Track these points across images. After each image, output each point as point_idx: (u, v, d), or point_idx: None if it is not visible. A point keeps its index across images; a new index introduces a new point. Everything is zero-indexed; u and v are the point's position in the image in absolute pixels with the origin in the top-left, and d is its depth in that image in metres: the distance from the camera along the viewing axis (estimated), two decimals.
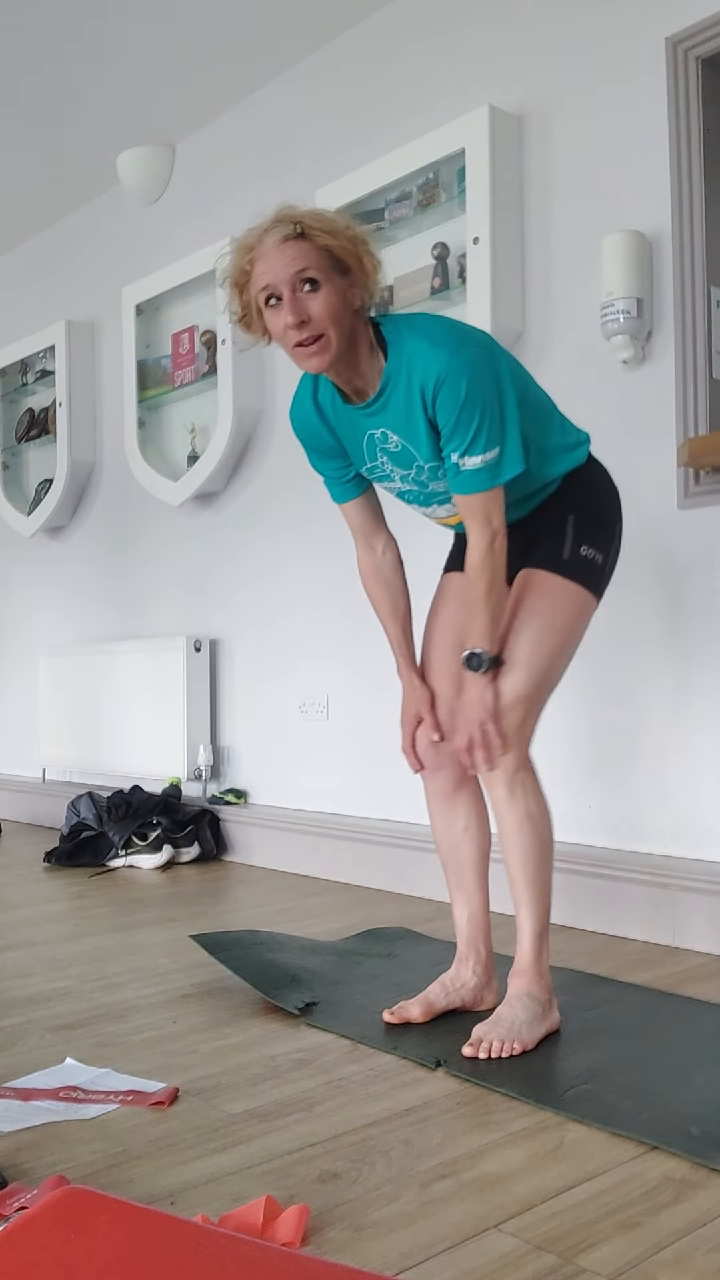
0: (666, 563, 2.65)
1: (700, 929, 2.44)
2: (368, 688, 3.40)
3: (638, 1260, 1.16)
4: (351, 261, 1.75)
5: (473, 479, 1.80)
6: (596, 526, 1.96)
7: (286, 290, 1.72)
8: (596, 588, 1.95)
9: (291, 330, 1.74)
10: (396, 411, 1.82)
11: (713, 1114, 1.53)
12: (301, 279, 1.72)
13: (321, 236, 1.72)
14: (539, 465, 1.93)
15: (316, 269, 1.72)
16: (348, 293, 1.76)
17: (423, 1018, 1.94)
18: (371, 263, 1.77)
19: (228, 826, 3.73)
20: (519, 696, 1.87)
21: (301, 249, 1.71)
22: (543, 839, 1.90)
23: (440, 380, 1.74)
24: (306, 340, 1.74)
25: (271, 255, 1.72)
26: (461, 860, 2.05)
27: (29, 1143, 1.48)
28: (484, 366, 1.77)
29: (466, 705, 1.88)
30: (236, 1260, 1.05)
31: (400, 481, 1.94)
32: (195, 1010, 2.06)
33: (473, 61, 3.09)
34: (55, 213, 4.68)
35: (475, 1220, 1.25)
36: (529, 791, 1.90)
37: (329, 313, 1.73)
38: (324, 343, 1.75)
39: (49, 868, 3.63)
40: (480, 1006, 2.01)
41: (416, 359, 1.77)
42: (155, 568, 4.28)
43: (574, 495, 1.97)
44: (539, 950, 1.90)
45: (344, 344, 1.77)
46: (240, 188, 3.85)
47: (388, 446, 1.87)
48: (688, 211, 2.59)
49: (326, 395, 1.92)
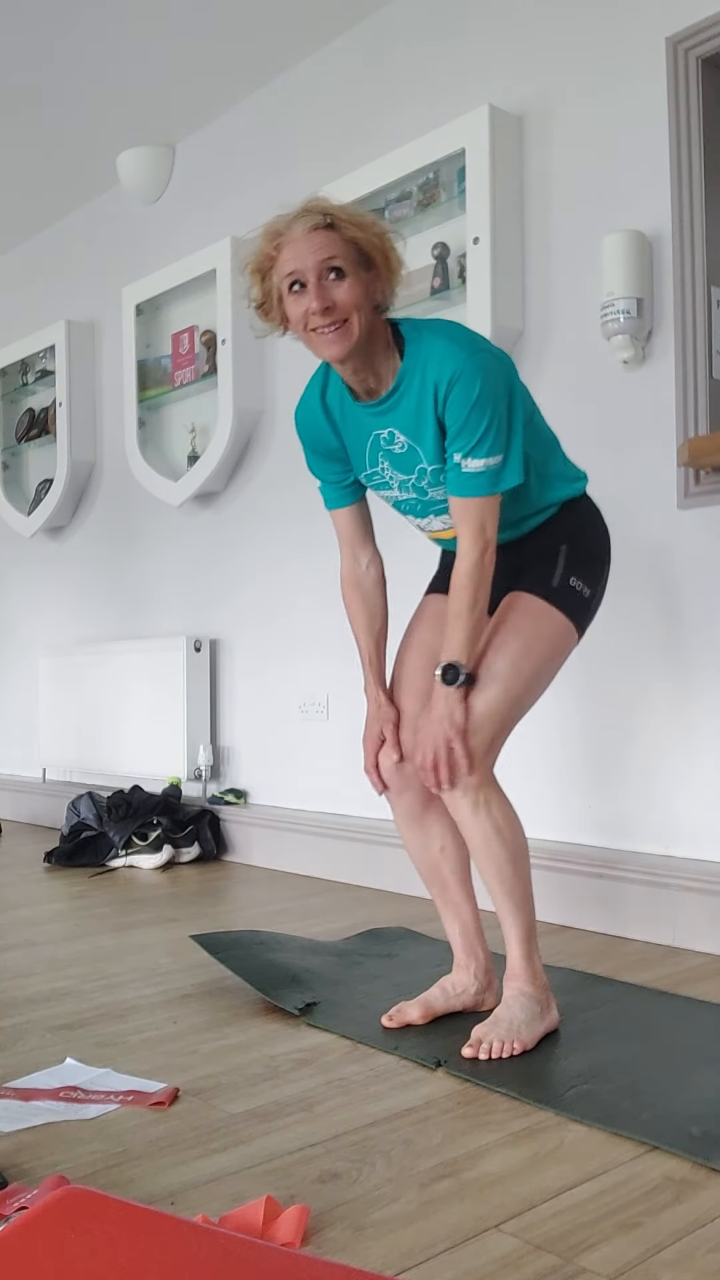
0: (666, 563, 2.65)
1: (700, 929, 2.44)
2: None
3: (638, 1260, 1.16)
4: (377, 257, 1.76)
5: (473, 481, 1.79)
6: (588, 561, 1.95)
7: (313, 277, 1.73)
8: (580, 622, 1.93)
9: (315, 315, 1.74)
10: (407, 410, 1.82)
11: (713, 1114, 1.53)
12: (328, 267, 1.73)
13: (350, 229, 1.73)
14: (539, 488, 1.92)
15: (343, 259, 1.73)
16: (371, 286, 1.77)
17: (422, 1020, 1.94)
18: (396, 260, 1.79)
19: (228, 826, 3.73)
20: (491, 713, 1.83)
21: (329, 239, 1.73)
22: (514, 850, 1.87)
23: (455, 378, 1.75)
24: (329, 325, 1.74)
25: (299, 243, 1.73)
26: (444, 878, 2.02)
27: (29, 1143, 1.48)
28: (498, 374, 1.78)
29: (433, 721, 1.83)
30: (236, 1260, 1.05)
31: (399, 489, 1.93)
32: (195, 1010, 2.06)
33: (473, 61, 3.09)
34: (55, 213, 4.68)
35: (475, 1220, 1.25)
36: (494, 805, 1.86)
37: (352, 301, 1.74)
38: (346, 329, 1.75)
39: (49, 868, 3.63)
40: (482, 1008, 2.00)
41: (434, 357, 1.77)
42: (155, 567, 4.28)
43: (569, 525, 1.96)
44: (528, 954, 1.89)
45: (364, 335, 1.77)
46: (240, 188, 3.85)
47: (392, 448, 1.87)
48: (688, 211, 2.59)
49: (335, 395, 1.91)
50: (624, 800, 2.74)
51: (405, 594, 2.21)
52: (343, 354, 1.77)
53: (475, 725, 1.82)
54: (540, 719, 2.80)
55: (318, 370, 1.95)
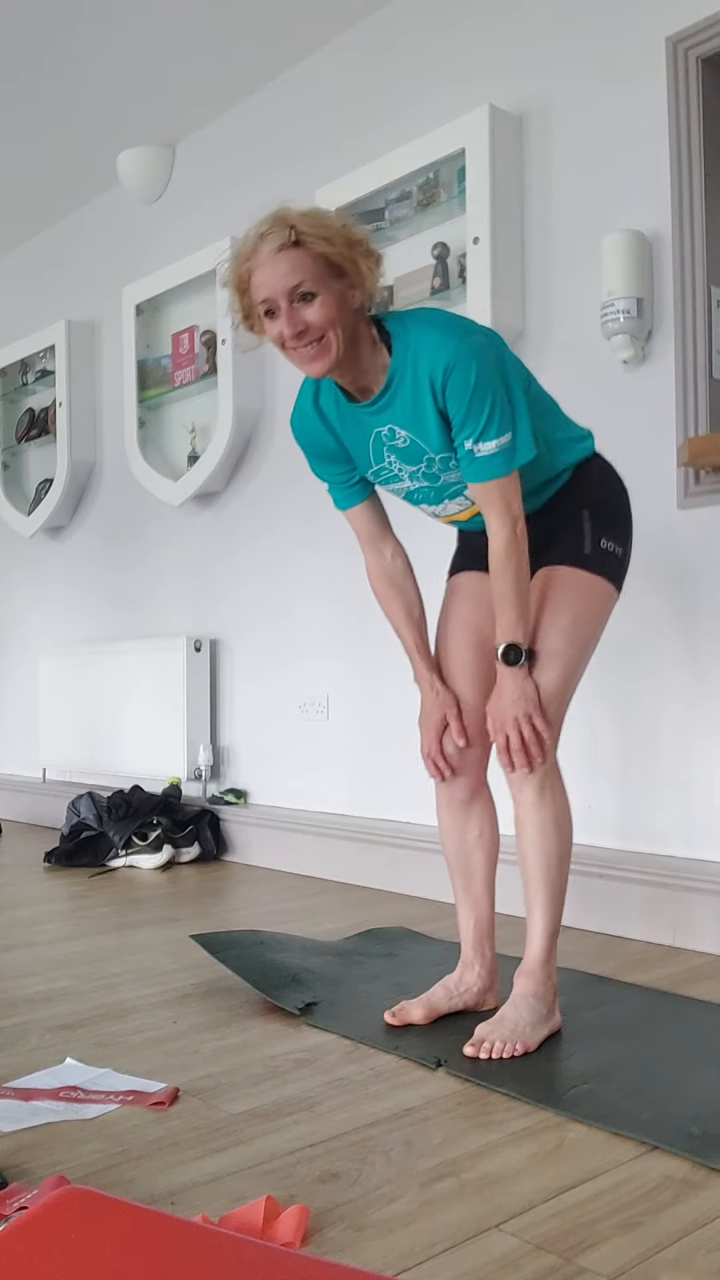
0: (666, 563, 2.65)
1: (701, 929, 2.44)
2: (368, 688, 3.40)
3: (638, 1260, 1.16)
4: (348, 265, 1.74)
5: (489, 465, 1.79)
6: (612, 519, 1.96)
7: (284, 303, 1.73)
8: (618, 580, 1.95)
9: (290, 339, 1.75)
10: (404, 405, 1.81)
11: (713, 1114, 1.53)
12: (298, 292, 1.72)
13: (317, 244, 1.71)
14: (548, 456, 1.92)
15: (312, 279, 1.72)
16: (346, 295, 1.76)
17: (424, 1019, 1.94)
18: (368, 264, 1.76)
19: (228, 826, 3.73)
20: (555, 691, 1.86)
21: (296, 260, 1.71)
22: (565, 842, 1.89)
23: (450, 367, 1.74)
24: (305, 345, 1.75)
25: (267, 266, 1.72)
26: (472, 868, 2.03)
27: (29, 1143, 1.48)
28: (490, 354, 1.78)
29: (508, 703, 1.84)
30: (236, 1260, 1.05)
31: (409, 480, 1.92)
32: (195, 1010, 2.06)
33: (473, 61, 3.09)
34: (55, 213, 4.68)
35: (475, 1220, 1.25)
36: (557, 794, 1.88)
37: (326, 319, 1.73)
38: (324, 344, 1.75)
39: (49, 868, 3.63)
40: (483, 1008, 2.01)
41: (424, 349, 1.77)
42: (155, 567, 4.28)
43: (586, 488, 1.97)
44: (548, 952, 1.89)
45: (345, 345, 1.77)
46: (240, 188, 3.85)
47: (395, 443, 1.86)
48: (688, 211, 2.59)
49: (329, 398, 1.91)
50: (625, 800, 2.74)
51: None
52: (324, 370, 1.78)
53: (543, 703, 1.85)
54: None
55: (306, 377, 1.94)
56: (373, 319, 1.83)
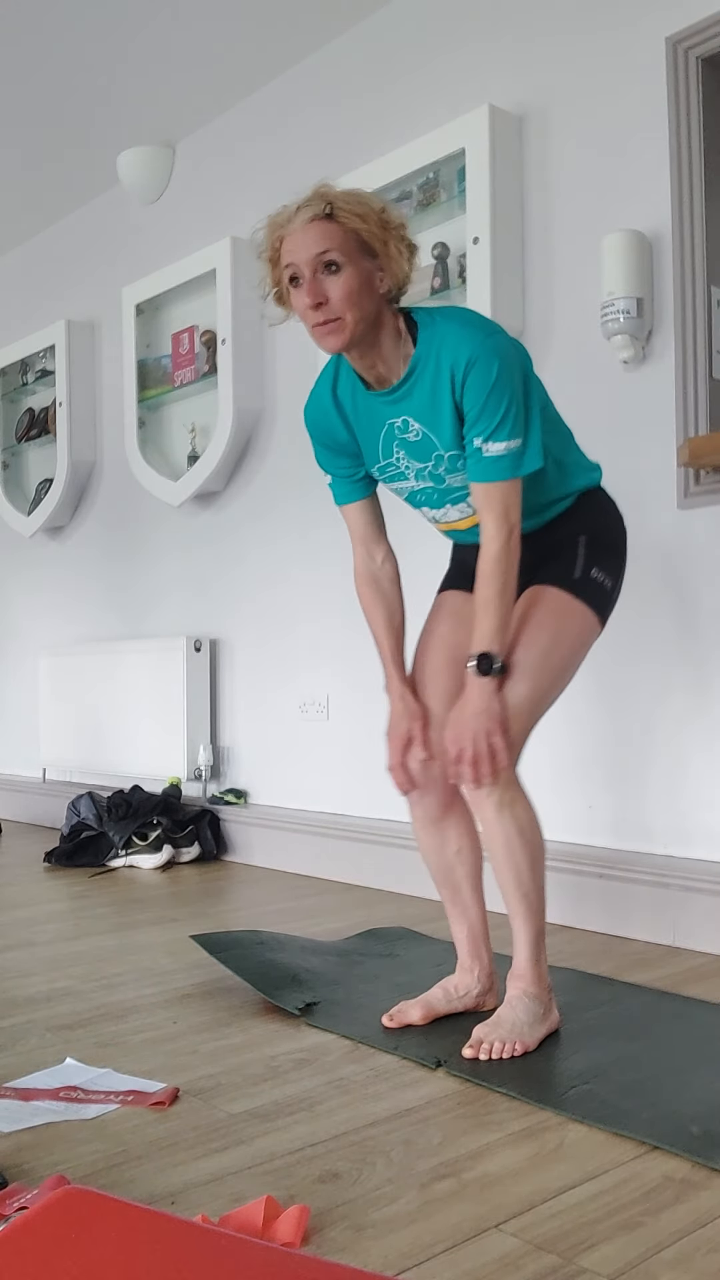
0: (666, 563, 2.65)
1: (701, 929, 2.44)
2: (368, 688, 3.40)
3: (638, 1260, 1.16)
4: (378, 246, 1.74)
5: (495, 465, 1.78)
6: (608, 552, 1.95)
7: (308, 271, 1.73)
8: (603, 613, 1.92)
9: (309, 311, 1.75)
10: (421, 397, 1.81)
11: (713, 1114, 1.53)
12: (323, 261, 1.72)
13: (350, 219, 1.71)
14: (558, 476, 1.92)
15: (340, 251, 1.71)
16: (373, 276, 1.75)
17: (423, 1020, 1.93)
18: (399, 249, 1.76)
19: (228, 826, 3.73)
20: (522, 708, 1.83)
21: (327, 230, 1.71)
22: (533, 852, 1.86)
23: (471, 361, 1.74)
24: (322, 320, 1.74)
25: (297, 235, 1.72)
26: (456, 882, 2.02)
27: (29, 1143, 1.48)
28: (513, 357, 1.78)
29: (470, 715, 1.80)
30: (236, 1260, 1.05)
31: (415, 479, 1.91)
32: (195, 1010, 2.06)
33: (473, 61, 3.09)
34: (55, 213, 4.68)
35: (475, 1220, 1.25)
36: (519, 806, 1.85)
37: (347, 295, 1.73)
38: (339, 324, 1.74)
39: (49, 868, 3.63)
40: (484, 1009, 2.00)
41: (448, 341, 1.77)
42: (155, 568, 4.28)
43: (587, 516, 1.96)
44: (536, 956, 1.88)
45: (364, 327, 1.76)
46: (240, 188, 3.85)
47: (407, 437, 1.85)
48: (688, 211, 2.59)
49: (346, 387, 1.90)
50: (625, 800, 2.74)
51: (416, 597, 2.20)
52: (338, 347, 1.77)
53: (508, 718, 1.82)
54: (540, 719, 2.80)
55: (329, 363, 1.93)
56: (402, 311, 1.83)
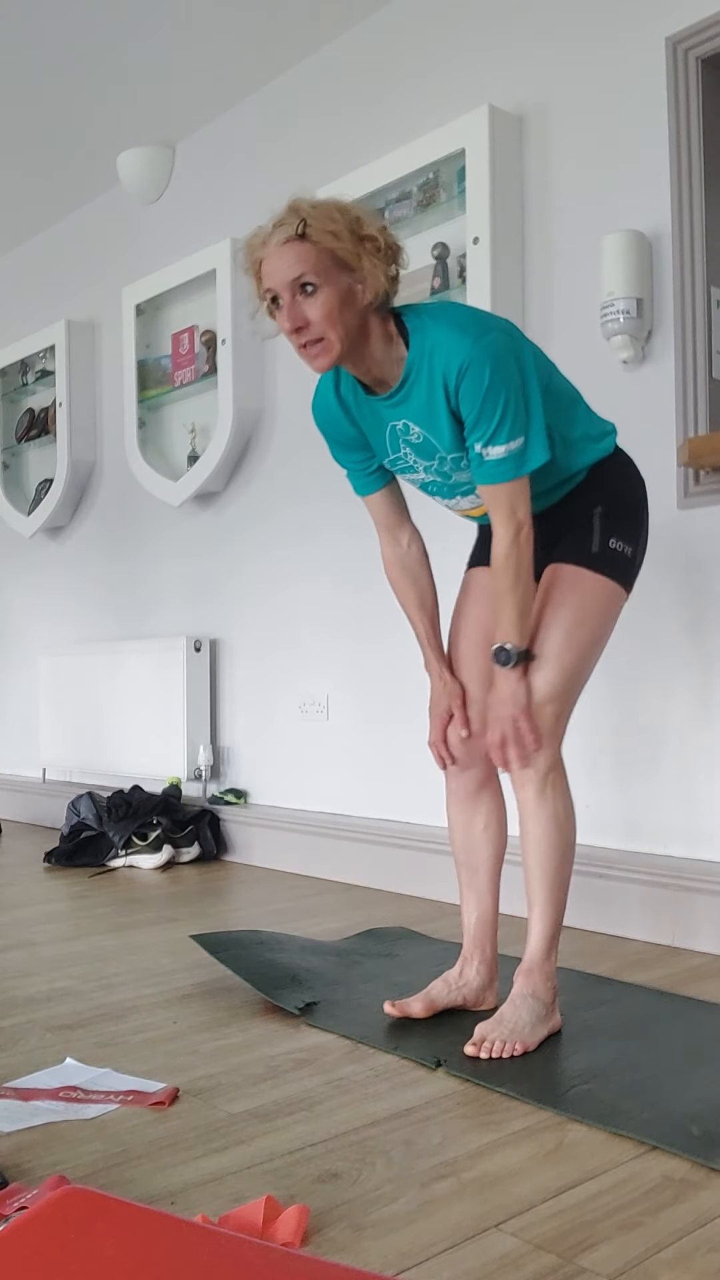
0: (666, 563, 2.65)
1: (701, 929, 2.44)
2: (368, 688, 3.40)
3: (638, 1260, 1.16)
4: (353, 260, 1.73)
5: (497, 469, 1.78)
6: (624, 518, 1.95)
7: (286, 295, 1.73)
8: (626, 580, 1.94)
9: (292, 334, 1.75)
10: (418, 402, 1.81)
11: (713, 1114, 1.53)
12: (299, 284, 1.72)
13: (323, 237, 1.71)
14: (565, 456, 1.91)
15: (315, 272, 1.71)
16: (353, 290, 1.74)
17: (424, 1013, 1.94)
18: (375, 261, 1.74)
19: (228, 826, 3.73)
20: (551, 693, 1.85)
21: (301, 252, 1.71)
22: (567, 842, 1.89)
23: (463, 368, 1.74)
24: (306, 343, 1.75)
25: (273, 258, 1.73)
26: (477, 861, 2.03)
27: (29, 1143, 1.48)
28: (507, 354, 1.76)
29: (498, 702, 1.86)
30: (236, 1260, 1.05)
31: (424, 473, 1.93)
32: (195, 1010, 2.06)
33: (473, 61, 3.09)
34: (55, 213, 4.68)
35: (475, 1220, 1.25)
36: (559, 793, 1.88)
37: (326, 315, 1.72)
38: (324, 345, 1.75)
39: (49, 868, 3.63)
40: (481, 1006, 2.01)
41: (439, 347, 1.76)
42: (155, 568, 4.28)
43: (600, 487, 1.96)
44: (548, 952, 1.89)
45: (349, 342, 1.76)
46: (240, 188, 3.85)
47: (410, 438, 1.86)
48: (688, 211, 2.59)
49: (348, 387, 1.91)
50: (624, 800, 2.74)
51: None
52: (326, 367, 1.78)
53: (538, 704, 1.85)
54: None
55: None
56: (393, 312, 1.82)
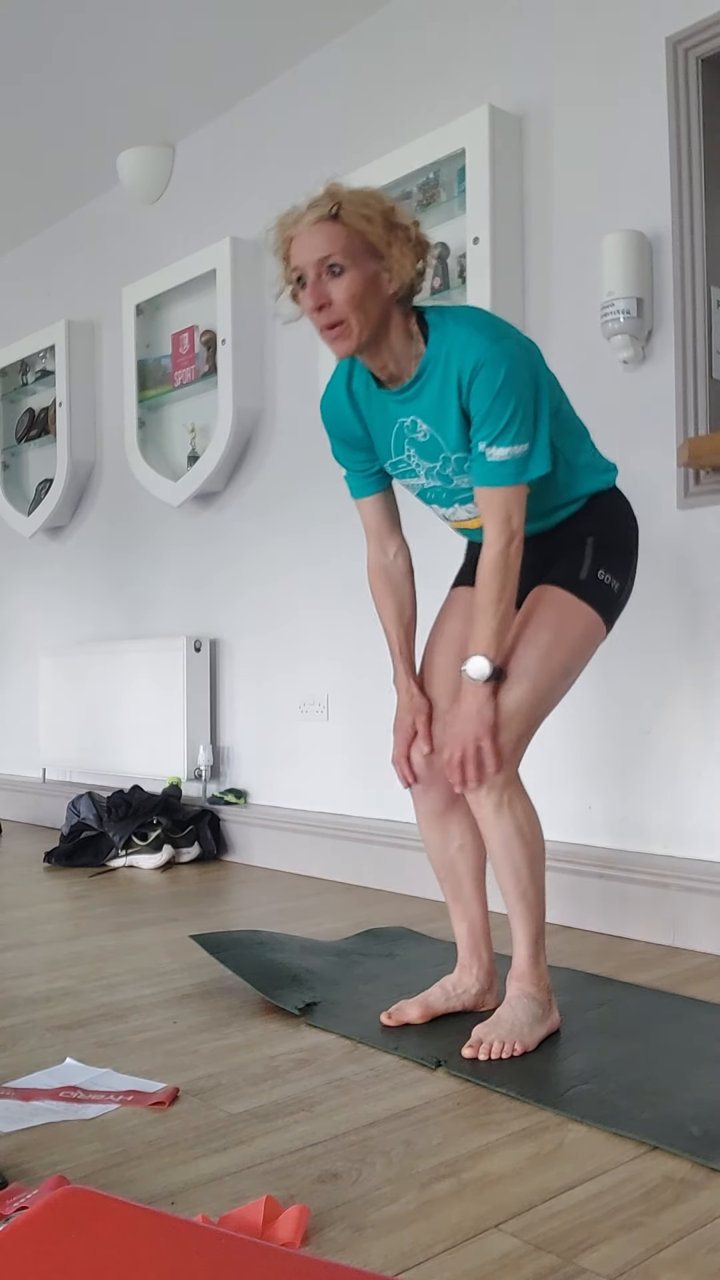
0: (666, 563, 2.65)
1: (701, 929, 2.44)
2: (368, 688, 3.40)
3: (638, 1260, 1.16)
4: (383, 248, 1.73)
5: (497, 470, 1.77)
6: (616, 554, 1.93)
7: (312, 274, 1.73)
8: (609, 615, 1.91)
9: (314, 313, 1.75)
10: (430, 398, 1.81)
11: (713, 1114, 1.53)
12: (327, 264, 1.72)
13: (356, 220, 1.71)
14: (567, 479, 1.91)
15: (343, 254, 1.71)
16: (379, 277, 1.75)
17: (421, 1019, 1.94)
18: (404, 250, 1.75)
19: (228, 826, 3.73)
20: (520, 710, 1.83)
21: (332, 233, 1.71)
22: (532, 853, 1.86)
23: (478, 366, 1.74)
24: (328, 325, 1.75)
25: (303, 237, 1.73)
26: (458, 876, 2.02)
27: (29, 1143, 1.48)
28: (523, 362, 1.76)
29: (462, 718, 1.81)
30: (236, 1260, 1.05)
31: (425, 477, 1.91)
32: (195, 1010, 2.06)
33: (473, 61, 3.09)
34: (55, 213, 4.68)
35: (475, 1220, 1.25)
36: (516, 807, 1.84)
37: (350, 298, 1.72)
38: (344, 329, 1.75)
39: (49, 868, 3.63)
40: (482, 1008, 2.01)
41: (456, 344, 1.76)
42: (155, 568, 4.28)
43: (596, 517, 1.95)
44: (535, 956, 1.88)
45: (371, 329, 1.76)
46: (240, 188, 3.85)
47: (416, 436, 1.86)
48: (688, 211, 2.59)
49: (361, 383, 1.91)
50: (625, 800, 2.74)
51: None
52: (347, 352, 1.77)
53: (503, 722, 1.81)
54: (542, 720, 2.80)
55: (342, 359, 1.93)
56: (415, 309, 1.83)
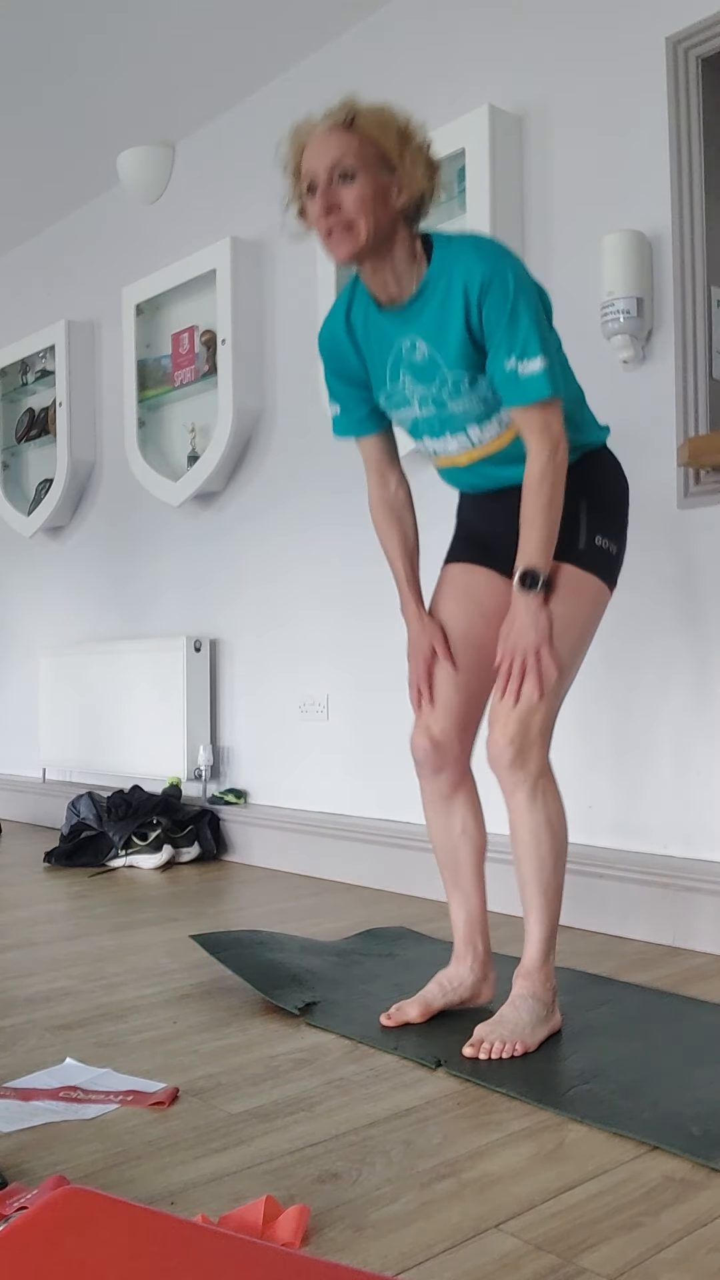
0: (666, 563, 2.65)
1: (701, 929, 2.44)
2: (368, 688, 3.40)
3: (638, 1260, 1.16)
4: (395, 159, 1.75)
5: (532, 383, 1.76)
6: (609, 515, 1.95)
7: (323, 178, 1.74)
8: (611, 578, 1.94)
9: (321, 217, 1.76)
10: (431, 315, 1.81)
11: (713, 1114, 1.53)
12: (339, 169, 1.73)
13: (371, 129, 1.73)
14: (570, 427, 1.90)
15: (356, 160, 1.73)
16: (389, 188, 1.76)
17: (420, 1018, 1.94)
18: (415, 164, 1.76)
19: (228, 826, 3.73)
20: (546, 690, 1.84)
21: (345, 140, 1.73)
22: (559, 845, 1.88)
23: (486, 283, 1.75)
24: (334, 228, 1.75)
25: (316, 144, 1.75)
26: (459, 861, 2.03)
27: (29, 1143, 1.48)
28: (527, 279, 1.79)
29: (517, 631, 1.83)
30: (236, 1260, 1.05)
31: (418, 406, 1.91)
32: (195, 1010, 2.06)
33: (473, 61, 3.09)
34: (55, 213, 4.68)
35: (475, 1220, 1.25)
36: (550, 798, 1.87)
37: (359, 202, 1.73)
38: (351, 233, 1.75)
39: (49, 868, 3.63)
40: (479, 1001, 2.01)
41: (460, 261, 1.78)
42: (155, 567, 4.28)
43: (588, 479, 1.96)
44: (546, 954, 1.89)
45: (376, 239, 1.76)
46: (240, 188, 3.85)
47: (414, 358, 1.86)
48: (688, 211, 2.59)
49: (360, 311, 1.91)
50: (625, 800, 2.74)
51: None
52: (347, 256, 1.78)
53: (532, 704, 1.83)
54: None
55: (345, 287, 1.95)
56: (422, 235, 1.84)
